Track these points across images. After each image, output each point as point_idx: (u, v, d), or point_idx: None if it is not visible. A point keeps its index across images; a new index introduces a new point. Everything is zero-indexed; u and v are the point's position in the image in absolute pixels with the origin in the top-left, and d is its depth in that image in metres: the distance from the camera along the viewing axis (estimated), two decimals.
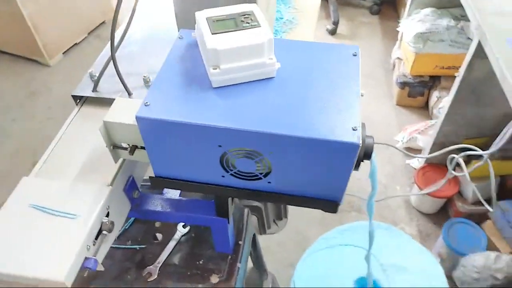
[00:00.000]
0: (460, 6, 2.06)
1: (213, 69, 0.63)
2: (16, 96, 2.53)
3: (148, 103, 0.62)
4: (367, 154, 0.64)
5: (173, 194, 0.90)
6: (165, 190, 0.93)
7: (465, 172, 1.19)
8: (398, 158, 2.02)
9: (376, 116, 2.26)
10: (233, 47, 0.63)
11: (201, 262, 0.90)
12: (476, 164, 1.18)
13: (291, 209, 1.84)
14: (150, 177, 0.72)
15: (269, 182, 0.68)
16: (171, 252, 0.92)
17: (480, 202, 1.63)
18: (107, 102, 0.88)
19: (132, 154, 0.71)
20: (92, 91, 0.88)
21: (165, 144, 0.65)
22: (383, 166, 1.99)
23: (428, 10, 2.06)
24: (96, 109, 0.89)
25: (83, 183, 0.72)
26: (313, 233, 1.75)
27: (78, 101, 0.91)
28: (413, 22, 2.06)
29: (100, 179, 0.74)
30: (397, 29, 2.28)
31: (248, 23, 0.66)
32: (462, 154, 1.13)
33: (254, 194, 0.70)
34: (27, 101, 2.51)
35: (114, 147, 0.71)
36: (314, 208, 0.71)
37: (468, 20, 2.01)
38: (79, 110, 0.89)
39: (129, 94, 0.87)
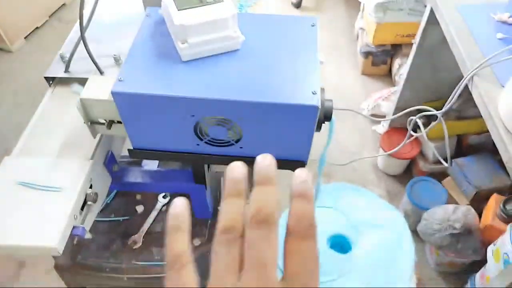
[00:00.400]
0: None
1: (182, 43, 0.68)
2: None
3: (122, 79, 0.66)
4: (327, 116, 0.71)
5: (152, 166, 0.95)
6: (144, 162, 0.97)
7: (423, 132, 1.29)
8: (365, 125, 2.12)
9: (343, 86, 2.34)
10: (199, 22, 0.67)
11: None
12: (432, 124, 1.27)
13: None
14: (128, 149, 0.77)
15: (241, 147, 0.74)
16: (153, 222, 0.97)
17: (440, 161, 1.76)
18: (79, 81, 0.91)
19: (110, 129, 0.75)
20: (64, 72, 0.90)
21: (140, 117, 0.70)
22: (351, 134, 2.09)
23: None
24: (69, 89, 0.92)
25: (65, 159, 0.76)
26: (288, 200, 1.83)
27: (51, 82, 0.93)
28: None
29: (81, 154, 0.78)
30: (359, 0, 2.34)
31: None
32: (419, 115, 1.22)
33: (228, 160, 0.75)
34: None
35: (92, 123, 0.75)
36: (283, 169, 0.77)
37: None
38: (53, 91, 0.91)
39: (101, 73, 0.90)
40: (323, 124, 0.72)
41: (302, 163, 0.76)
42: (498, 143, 0.89)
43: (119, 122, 0.75)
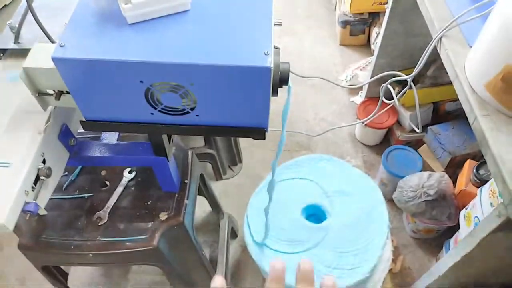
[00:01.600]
0: None
1: (125, 4, 0.64)
2: None
3: (63, 44, 0.63)
4: (283, 80, 0.68)
5: (111, 139, 0.92)
6: (103, 136, 0.94)
7: (395, 98, 1.27)
8: (343, 96, 2.10)
9: (322, 57, 2.31)
10: None
11: (149, 203, 0.94)
12: (404, 89, 1.26)
13: (245, 154, 1.90)
14: (80, 121, 0.73)
15: (197, 115, 0.71)
16: (119, 197, 0.95)
17: (415, 129, 1.76)
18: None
19: (58, 100, 0.71)
20: (14, 43, 0.86)
21: (87, 85, 0.66)
22: (329, 105, 2.07)
23: None
24: (20, 61, 0.87)
25: (14, 133, 0.73)
26: (267, 173, 1.82)
27: (1, 55, 0.88)
28: None
29: (32, 128, 0.74)
30: None
31: None
32: (389, 81, 1.20)
33: (185, 129, 0.73)
34: None
35: (40, 94, 0.72)
36: (244, 136, 0.75)
37: None
38: (3, 64, 0.87)
39: (52, 42, 0.85)
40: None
41: (262, 130, 0.74)
42: (464, 103, 0.88)
43: (68, 93, 0.71)
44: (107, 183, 0.98)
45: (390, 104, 1.34)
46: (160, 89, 0.66)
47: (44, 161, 0.73)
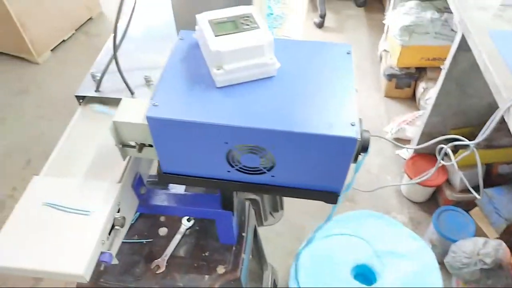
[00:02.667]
0: None
1: (217, 69, 0.67)
2: (4, 95, 2.52)
3: (156, 104, 0.65)
4: (364, 147, 0.68)
5: (178, 189, 0.94)
6: (170, 185, 0.96)
7: (453, 161, 1.24)
8: (388, 149, 2.08)
9: (366, 108, 2.32)
10: (236, 48, 0.66)
11: (206, 254, 0.94)
12: (463, 154, 1.23)
13: (287, 201, 1.89)
14: (158, 173, 0.75)
15: (272, 176, 0.72)
16: (177, 245, 0.95)
17: (468, 190, 1.70)
18: (109, 101, 0.91)
19: (140, 152, 0.74)
20: (95, 91, 0.90)
21: (173, 142, 0.68)
22: (374, 157, 2.05)
23: (412, 3, 2.11)
24: (97, 107, 0.92)
25: (93, 181, 0.75)
26: (308, 223, 1.80)
27: (81, 101, 0.93)
28: (399, 15, 2.11)
29: (109, 176, 0.77)
30: (383, 21, 2.33)
31: (248, 25, 0.70)
32: (450, 144, 1.18)
33: (258, 188, 0.74)
34: (16, 100, 2.49)
35: (123, 145, 0.74)
36: (315, 199, 0.75)
37: (451, 12, 2.08)
38: (82, 110, 0.91)
39: (132, 93, 0.89)
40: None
41: (335, 195, 0.73)
42: None
43: (150, 146, 0.74)
44: (166, 229, 0.99)
45: (447, 164, 1.31)
46: (242, 150, 0.68)
47: (118, 210, 0.75)
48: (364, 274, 1.27)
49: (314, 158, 0.67)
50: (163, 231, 0.99)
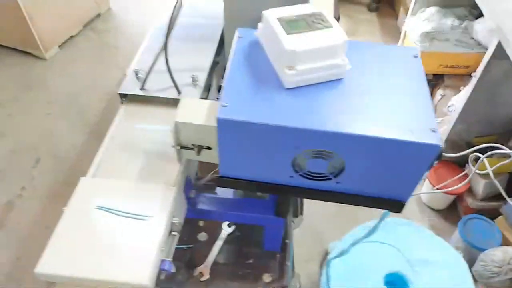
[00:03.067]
0: (463, 6, 2.13)
1: (289, 70, 0.64)
2: (11, 91, 2.45)
3: (226, 105, 0.62)
4: (440, 156, 0.65)
5: (227, 194, 0.90)
6: (219, 189, 0.92)
7: (489, 170, 1.23)
8: None
9: None
10: (311, 48, 0.63)
11: (250, 261, 0.90)
12: (501, 162, 1.21)
13: (306, 205, 1.85)
14: (216, 177, 0.72)
15: (337, 183, 0.69)
16: (219, 252, 0.91)
17: (490, 198, 1.69)
18: (151, 100, 0.87)
19: (199, 154, 0.70)
20: (140, 89, 0.86)
21: (239, 144, 0.65)
22: None
23: (433, 9, 2.10)
24: (141, 107, 0.87)
25: (146, 183, 0.72)
26: (328, 229, 1.77)
27: (123, 99, 0.89)
28: (419, 21, 2.09)
29: (161, 179, 0.73)
30: (402, 27, 2.31)
31: (320, 23, 0.67)
32: (490, 153, 1.16)
33: (322, 195, 0.71)
34: (23, 96, 2.42)
35: (181, 147, 0.71)
36: (379, 208, 0.72)
37: (471, 20, 2.08)
38: (125, 108, 0.87)
39: (179, 92, 0.86)
40: None
41: (400, 203, 0.71)
42: None
43: (208, 148, 0.70)
44: (205, 234, 0.95)
45: (481, 172, 1.29)
46: (310, 155, 0.64)
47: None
48: (396, 282, 1.25)
49: (387, 165, 0.64)
50: (202, 236, 0.95)
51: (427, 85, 0.68)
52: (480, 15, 1.88)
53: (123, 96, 0.89)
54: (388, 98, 0.65)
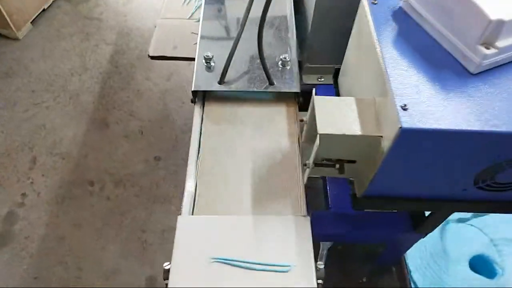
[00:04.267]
0: None
1: (486, 48, 0.45)
2: None
3: (406, 106, 0.43)
4: None
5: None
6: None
7: None
8: None
9: None
10: None
11: (364, 280, 0.75)
12: None
13: None
14: (356, 198, 0.54)
15: None
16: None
17: None
18: (232, 97, 0.66)
19: (343, 172, 0.52)
20: (219, 83, 0.65)
21: (415, 158, 0.47)
22: None
23: None
24: (225, 108, 0.66)
25: (268, 215, 0.53)
26: None
27: (196, 98, 0.67)
28: None
29: (287, 207, 0.54)
30: None
31: None
32: None
33: (505, 206, 0.54)
34: (1, 85, 2.11)
35: (316, 164, 0.52)
36: None
37: None
38: (203, 110, 0.66)
39: (271, 84, 0.65)
40: None
41: None
42: None
43: (351, 162, 0.52)
44: None
45: None
46: (509, 164, 0.47)
47: None
48: (482, 265, 1.14)
49: None
50: None
51: None
52: None
53: (195, 93, 0.67)
54: None
